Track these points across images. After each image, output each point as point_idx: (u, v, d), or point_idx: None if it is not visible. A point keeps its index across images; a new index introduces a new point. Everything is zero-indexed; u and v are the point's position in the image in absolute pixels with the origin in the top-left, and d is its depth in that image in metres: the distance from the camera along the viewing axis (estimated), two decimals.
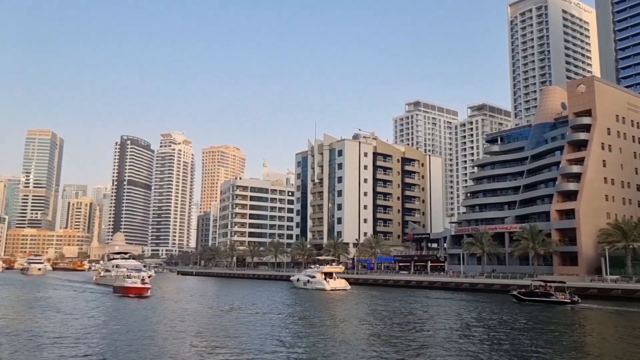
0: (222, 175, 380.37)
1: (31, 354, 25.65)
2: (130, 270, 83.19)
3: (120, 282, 72.71)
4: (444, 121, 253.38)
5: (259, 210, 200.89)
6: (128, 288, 67.62)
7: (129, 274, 77.11)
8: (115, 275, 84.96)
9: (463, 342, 30.89)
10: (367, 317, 45.67)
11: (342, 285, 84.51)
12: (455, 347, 29.12)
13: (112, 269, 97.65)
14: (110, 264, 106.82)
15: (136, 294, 65.84)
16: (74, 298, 66.85)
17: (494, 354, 27.02)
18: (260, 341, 30.04)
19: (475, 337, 33.46)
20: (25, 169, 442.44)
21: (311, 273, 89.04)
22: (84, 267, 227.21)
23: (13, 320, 40.40)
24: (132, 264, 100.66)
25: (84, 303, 58.61)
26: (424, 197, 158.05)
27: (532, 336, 33.38)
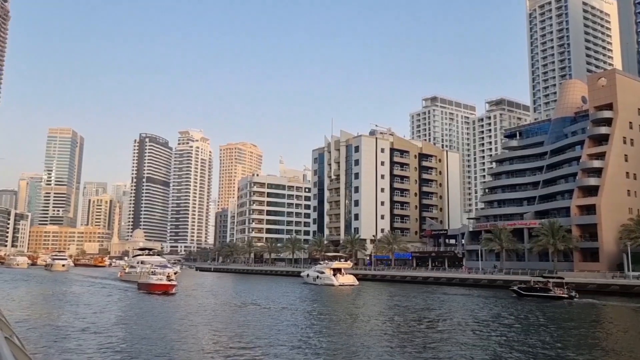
0: (239, 172, 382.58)
1: (55, 346, 26.18)
2: (155, 266, 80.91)
3: (145, 279, 70.29)
4: (461, 116, 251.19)
5: (276, 206, 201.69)
6: (153, 285, 65.39)
7: (154, 270, 74.40)
8: (140, 272, 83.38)
9: (475, 338, 30.81)
10: (387, 312, 45.79)
11: (350, 281, 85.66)
12: (467, 341, 29.08)
13: (137, 265, 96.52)
14: (135, 260, 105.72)
15: (161, 291, 63.51)
16: (98, 294, 66.37)
17: (514, 352, 26.85)
18: (287, 338, 30.26)
19: (494, 333, 33.32)
20: (47, 167, 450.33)
21: (320, 269, 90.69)
22: (104, 264, 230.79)
23: (41, 314, 41.14)
24: (157, 260, 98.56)
25: (107, 299, 58.22)
26: (442, 193, 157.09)
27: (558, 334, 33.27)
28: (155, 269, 74.57)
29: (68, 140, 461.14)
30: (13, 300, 54.07)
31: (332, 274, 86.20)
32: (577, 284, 67.77)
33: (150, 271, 73.92)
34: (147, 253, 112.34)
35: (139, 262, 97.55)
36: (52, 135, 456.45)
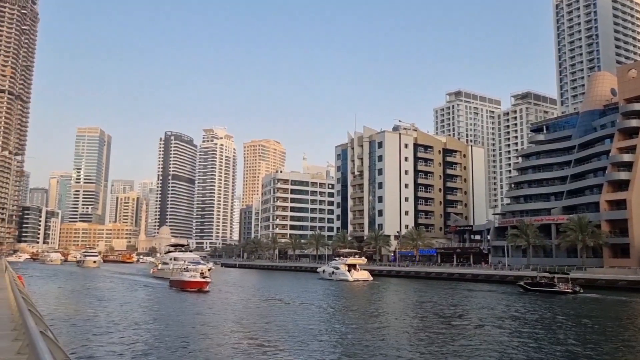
0: (263, 169, 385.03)
1: (88, 341, 26.85)
2: (188, 263, 77.87)
3: (178, 276, 67.47)
4: (486, 111, 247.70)
5: (299, 203, 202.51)
6: (186, 282, 62.60)
7: (187, 266, 71.67)
8: (172, 269, 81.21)
9: (495, 334, 30.62)
10: (408, 309, 45.78)
11: (364, 276, 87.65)
12: (485, 337, 28.93)
13: (169, 261, 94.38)
14: (167, 256, 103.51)
15: (195, 288, 60.87)
16: (130, 291, 65.13)
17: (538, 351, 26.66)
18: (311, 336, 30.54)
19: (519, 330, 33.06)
20: (76, 165, 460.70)
21: (336, 265, 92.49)
22: (132, 260, 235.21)
23: (74, 310, 41.84)
24: (190, 256, 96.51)
25: (139, 296, 57.37)
26: (466, 189, 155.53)
27: None
28: (188, 266, 71.89)
29: (96, 139, 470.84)
30: (48, 295, 55.41)
31: (346, 270, 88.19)
32: (607, 281, 67.43)
33: (183, 268, 71.05)
34: (180, 249, 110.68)
35: (171, 259, 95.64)
36: (80, 134, 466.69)
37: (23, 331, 10.14)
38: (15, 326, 11.92)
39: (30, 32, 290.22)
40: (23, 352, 8.75)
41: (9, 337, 10.75)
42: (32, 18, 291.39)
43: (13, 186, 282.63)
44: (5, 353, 9.22)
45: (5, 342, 10.25)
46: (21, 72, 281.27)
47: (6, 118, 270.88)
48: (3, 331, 11.75)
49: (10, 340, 10.35)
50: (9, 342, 10.17)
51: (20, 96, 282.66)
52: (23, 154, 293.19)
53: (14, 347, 9.46)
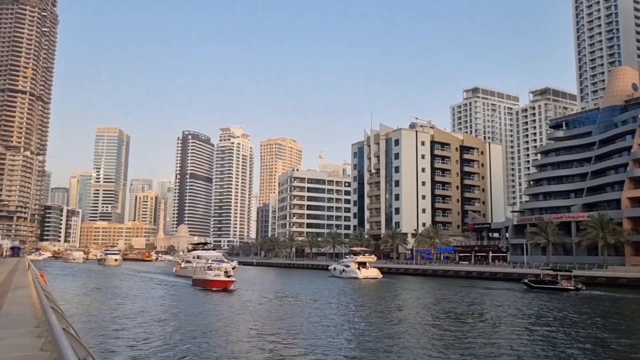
0: (279, 167, 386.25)
1: (111, 339, 27.07)
2: (212, 261, 75.95)
3: (201, 275, 65.27)
4: (504, 107, 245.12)
5: (316, 201, 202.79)
6: (210, 281, 60.48)
7: (210, 265, 69.57)
8: (195, 267, 79.71)
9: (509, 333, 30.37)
10: (429, 307, 45.61)
11: (374, 274, 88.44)
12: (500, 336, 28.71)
13: (192, 260, 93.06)
14: (190, 255, 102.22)
15: (219, 287, 58.90)
16: (152, 289, 64.07)
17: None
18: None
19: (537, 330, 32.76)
20: (95, 165, 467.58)
21: (346, 262, 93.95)
22: (151, 258, 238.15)
23: (96, 307, 42.30)
24: (213, 254, 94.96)
25: (159, 295, 56.07)
26: (484, 186, 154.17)
27: None
28: (211, 264, 70.27)
29: (115, 138, 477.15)
30: (70, 293, 55.98)
31: (357, 268, 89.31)
32: (630, 279, 66.97)
33: (207, 266, 69.16)
34: (203, 248, 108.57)
35: (195, 257, 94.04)
36: (100, 134, 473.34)
37: (46, 328, 10.36)
38: (38, 323, 12.18)
39: (50, 34, 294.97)
40: (46, 348, 8.95)
41: (32, 333, 10.99)
42: (52, 20, 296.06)
43: (35, 186, 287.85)
44: (28, 349, 9.43)
45: (29, 338, 10.48)
46: (42, 74, 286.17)
47: (28, 119, 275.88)
48: (26, 328, 12.01)
49: (33, 336, 10.57)
50: (32, 338, 10.40)
51: (41, 97, 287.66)
52: (44, 154, 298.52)
53: (37, 343, 9.67)
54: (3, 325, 12.63)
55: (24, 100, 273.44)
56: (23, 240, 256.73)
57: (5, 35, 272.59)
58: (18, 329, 11.97)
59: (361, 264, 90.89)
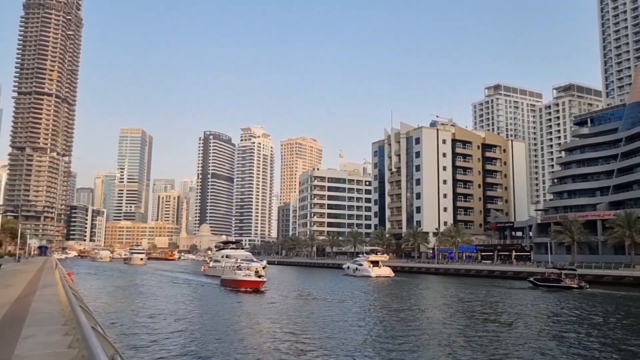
0: (300, 166, 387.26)
1: (134, 337, 27.45)
2: (241, 260, 73.75)
3: (230, 275, 62.70)
4: (526, 104, 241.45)
5: (337, 200, 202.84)
6: (240, 281, 57.98)
7: (239, 264, 67.23)
8: (224, 267, 77.86)
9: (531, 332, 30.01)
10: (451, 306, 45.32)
11: (386, 272, 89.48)
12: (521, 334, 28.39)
13: (221, 259, 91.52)
14: (219, 254, 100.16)
15: (250, 288, 56.30)
16: (177, 289, 62.55)
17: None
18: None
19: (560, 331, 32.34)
20: (119, 165, 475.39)
21: (359, 261, 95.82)
22: (174, 257, 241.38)
23: (124, 306, 42.37)
24: (242, 253, 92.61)
25: (187, 296, 54.14)
26: (507, 184, 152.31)
27: None
28: (241, 263, 68.05)
29: (138, 139, 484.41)
30: (97, 292, 56.43)
31: (369, 266, 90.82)
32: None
33: (236, 266, 66.60)
34: (232, 246, 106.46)
35: (223, 256, 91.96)
36: (123, 135, 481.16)
37: (73, 326, 10.66)
38: (65, 321, 12.50)
39: (75, 37, 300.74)
40: (74, 346, 9.21)
41: (60, 331, 11.30)
42: (76, 23, 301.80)
43: (61, 186, 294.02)
44: (57, 347, 9.71)
45: (57, 336, 10.78)
46: (67, 76, 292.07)
47: (54, 121, 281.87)
48: (54, 325, 12.35)
49: (61, 334, 10.87)
50: (61, 336, 10.69)
51: (67, 99, 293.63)
52: (70, 155, 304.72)
53: (65, 341, 9.95)
54: (32, 322, 13.02)
55: (50, 102, 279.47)
56: (50, 239, 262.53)
57: (32, 39, 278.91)
58: (46, 326, 12.32)
59: (374, 263, 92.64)
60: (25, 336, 10.95)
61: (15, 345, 9.93)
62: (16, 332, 11.53)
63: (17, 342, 10.32)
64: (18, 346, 9.89)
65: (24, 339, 10.60)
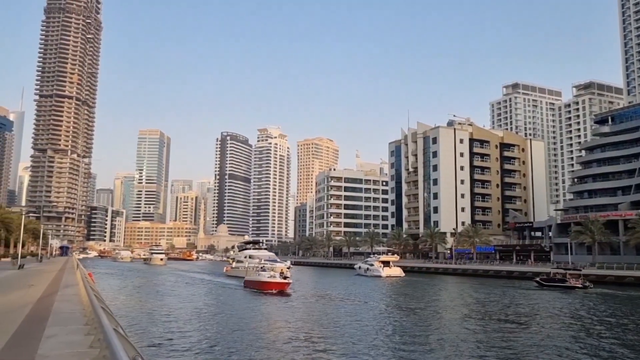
0: (316, 167, 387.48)
1: (156, 339, 26.63)
2: (265, 261, 72.22)
3: (254, 276, 60.87)
4: (546, 103, 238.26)
5: (353, 200, 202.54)
6: (264, 283, 56.35)
7: (263, 265, 65.41)
8: (247, 267, 76.28)
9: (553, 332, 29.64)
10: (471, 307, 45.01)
11: (396, 272, 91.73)
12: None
13: (244, 259, 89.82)
14: (242, 254, 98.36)
15: (275, 290, 54.72)
16: (200, 291, 61.42)
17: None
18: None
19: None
20: (138, 167, 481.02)
21: (370, 261, 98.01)
22: (192, 257, 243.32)
23: (143, 307, 42.16)
24: (265, 254, 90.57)
25: (211, 298, 53.05)
26: (526, 184, 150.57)
27: None
28: (264, 264, 66.35)
29: (156, 140, 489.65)
30: (118, 293, 56.51)
31: (380, 267, 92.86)
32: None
33: (259, 266, 64.85)
34: (254, 247, 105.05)
35: (246, 257, 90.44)
36: (142, 136, 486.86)
37: (95, 326, 10.87)
38: (87, 321, 12.74)
39: (94, 40, 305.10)
40: (95, 346, 9.40)
41: (81, 331, 11.53)
42: (95, 27, 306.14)
43: (81, 187, 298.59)
44: (78, 346, 9.91)
45: (79, 336, 11.01)
46: (87, 79, 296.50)
47: (74, 123, 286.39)
48: (76, 325, 12.59)
49: (83, 334, 11.10)
50: (82, 336, 10.92)
51: (87, 102, 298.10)
52: (90, 156, 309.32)
53: (87, 341, 10.16)
54: (54, 322, 13.30)
55: (70, 104, 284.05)
56: (71, 240, 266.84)
57: (53, 42, 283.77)
58: (68, 326, 12.58)
59: (384, 263, 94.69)
60: (48, 335, 11.20)
61: (39, 345, 10.17)
62: (39, 331, 11.79)
63: (40, 341, 10.56)
64: (41, 346, 10.12)
65: (47, 339, 10.85)
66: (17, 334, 11.94)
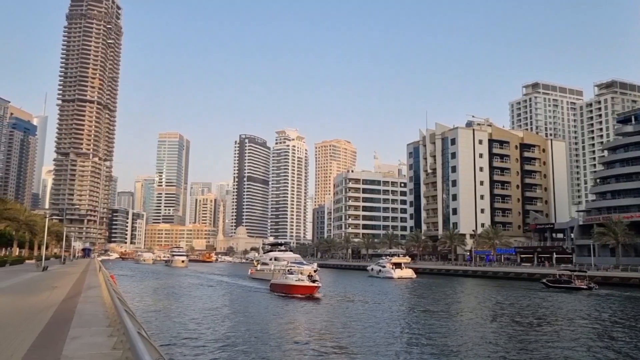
0: (334, 168, 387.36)
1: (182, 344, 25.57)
2: (291, 263, 69.92)
3: (281, 279, 57.58)
4: (567, 102, 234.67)
5: (371, 202, 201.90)
6: (292, 286, 53.21)
7: (290, 268, 62.72)
8: (273, 270, 73.80)
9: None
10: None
11: (408, 274, 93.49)
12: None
13: (269, 262, 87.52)
14: (267, 256, 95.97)
15: (304, 294, 51.62)
16: (225, 294, 59.03)
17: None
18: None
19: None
20: (158, 169, 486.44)
21: (382, 263, 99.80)
22: (212, 259, 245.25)
23: (167, 310, 41.02)
24: (291, 256, 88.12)
25: (237, 302, 50.41)
26: (547, 185, 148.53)
27: None
28: (291, 267, 63.94)
29: (175, 143, 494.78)
30: (140, 293, 57.04)
31: (392, 268, 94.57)
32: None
33: (286, 269, 62.15)
34: (280, 249, 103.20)
35: (271, 259, 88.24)
36: (161, 139, 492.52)
37: (117, 328, 11.09)
38: (109, 323, 12.99)
39: (115, 45, 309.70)
40: (118, 347, 9.60)
41: (104, 332, 11.78)
42: (116, 32, 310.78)
43: (103, 190, 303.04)
44: (102, 348, 10.12)
45: (102, 337, 11.24)
46: (108, 83, 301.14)
47: (96, 127, 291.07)
48: (99, 327, 12.86)
49: (106, 335, 11.33)
50: (105, 337, 11.14)
51: (108, 106, 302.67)
52: (111, 159, 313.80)
53: (110, 342, 10.37)
54: (78, 324, 13.59)
55: (92, 109, 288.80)
56: (93, 242, 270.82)
57: (75, 48, 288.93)
58: (92, 327, 12.84)
59: (396, 265, 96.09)
60: (72, 337, 11.46)
61: (63, 346, 10.41)
62: (64, 332, 12.07)
63: (64, 342, 10.81)
64: (65, 347, 10.36)
65: (71, 340, 11.10)
66: (42, 335, 12.24)
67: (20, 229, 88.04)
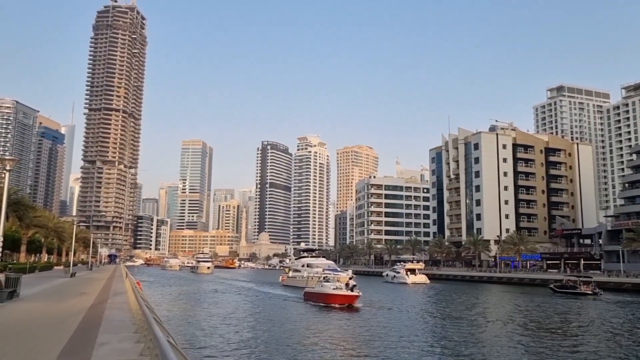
0: (356, 174, 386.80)
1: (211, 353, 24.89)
2: (326, 270, 65.26)
3: (318, 288, 52.77)
4: (593, 105, 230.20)
5: (394, 208, 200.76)
6: (330, 296, 48.49)
7: (326, 275, 58.71)
8: (307, 277, 70.19)
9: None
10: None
11: (422, 280, 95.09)
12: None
13: (301, 268, 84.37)
14: (299, 262, 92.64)
15: (342, 304, 47.18)
16: (257, 303, 55.34)
17: None
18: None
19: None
20: (181, 176, 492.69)
21: (397, 269, 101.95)
22: (235, 265, 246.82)
23: (195, 320, 39.21)
24: (324, 262, 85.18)
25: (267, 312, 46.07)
26: (573, 190, 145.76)
27: None
28: (327, 274, 59.80)
29: (199, 150, 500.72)
30: (168, 301, 55.99)
31: (406, 274, 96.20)
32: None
33: (322, 276, 58.35)
34: (313, 255, 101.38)
35: (304, 265, 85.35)
36: (185, 147, 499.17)
37: (144, 334, 11.33)
38: (136, 329, 13.27)
39: (140, 54, 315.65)
40: (145, 353, 9.82)
41: (132, 338, 12.03)
42: (141, 42, 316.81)
43: (128, 197, 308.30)
44: (129, 354, 10.35)
45: (129, 343, 11.49)
46: (133, 92, 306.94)
47: (121, 135, 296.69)
48: (126, 333, 13.14)
49: (133, 341, 11.58)
50: (132, 343, 11.39)
51: (133, 114, 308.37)
52: (136, 167, 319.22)
53: (137, 348, 10.60)
54: (106, 329, 13.91)
55: (117, 117, 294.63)
56: (119, 248, 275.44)
57: (101, 58, 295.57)
58: (119, 334, 13.14)
59: (410, 271, 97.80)
60: (100, 343, 11.75)
61: (92, 352, 10.69)
62: (92, 339, 12.38)
63: (93, 348, 11.10)
64: (94, 353, 10.63)
65: (100, 346, 11.38)
66: (71, 340, 12.58)
67: (49, 236, 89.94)
